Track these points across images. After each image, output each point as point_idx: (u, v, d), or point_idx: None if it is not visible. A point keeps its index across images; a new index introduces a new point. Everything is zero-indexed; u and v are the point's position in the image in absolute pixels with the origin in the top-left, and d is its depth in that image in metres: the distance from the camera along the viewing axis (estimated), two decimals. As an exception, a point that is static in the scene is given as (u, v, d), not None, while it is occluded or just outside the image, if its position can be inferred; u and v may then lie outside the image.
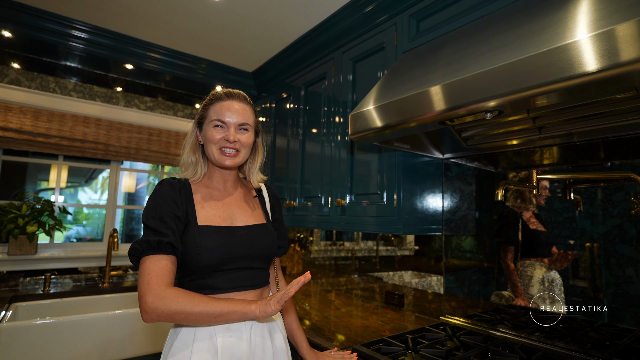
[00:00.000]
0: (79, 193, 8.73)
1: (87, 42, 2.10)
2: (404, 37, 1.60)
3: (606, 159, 1.25)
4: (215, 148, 1.05)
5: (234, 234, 1.03)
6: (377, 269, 2.13)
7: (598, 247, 1.24)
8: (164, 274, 0.91)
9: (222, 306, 0.89)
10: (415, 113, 1.08)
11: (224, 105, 1.06)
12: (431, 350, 1.21)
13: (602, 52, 0.72)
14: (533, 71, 0.82)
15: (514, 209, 1.45)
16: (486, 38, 1.11)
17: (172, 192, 1.00)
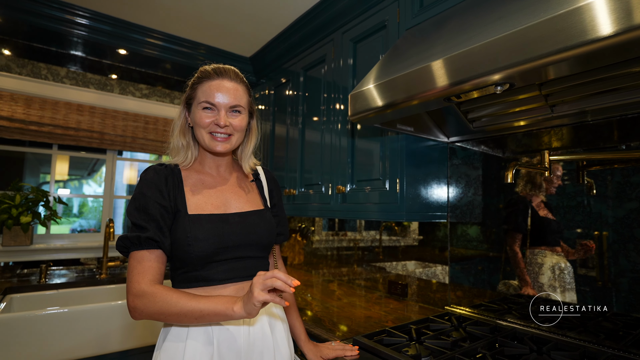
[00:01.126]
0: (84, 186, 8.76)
1: (82, 26, 2.03)
2: (407, 13, 1.51)
3: (621, 141, 1.17)
4: (205, 132, 0.96)
5: (228, 221, 0.97)
6: (380, 258, 2.07)
7: (613, 232, 1.17)
8: (146, 270, 0.86)
9: (202, 307, 0.82)
10: (418, 90, 1.01)
11: (212, 84, 0.96)
12: (436, 342, 1.15)
13: (619, 13, 0.64)
14: (545, 38, 0.74)
15: (523, 195, 1.37)
16: (495, 7, 1.02)
17: (158, 180, 0.93)
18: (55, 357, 1.58)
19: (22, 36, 2.08)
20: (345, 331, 1.33)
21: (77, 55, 2.27)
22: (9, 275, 2.06)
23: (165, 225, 0.91)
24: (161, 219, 0.90)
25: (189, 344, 0.88)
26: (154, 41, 2.26)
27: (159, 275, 0.89)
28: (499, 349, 1.12)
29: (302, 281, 2.27)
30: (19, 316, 1.54)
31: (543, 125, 1.32)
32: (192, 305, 0.82)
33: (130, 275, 0.87)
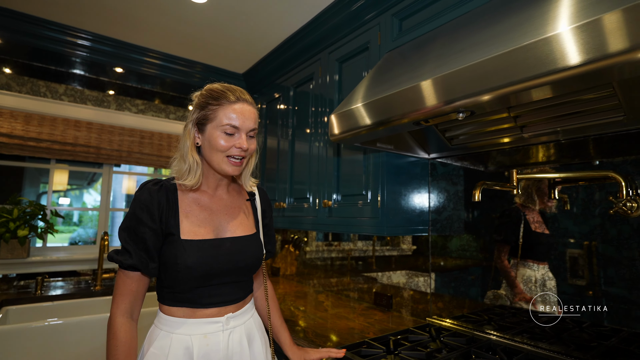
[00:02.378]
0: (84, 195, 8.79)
1: (81, 47, 2.11)
2: (387, 37, 1.59)
3: (595, 157, 1.23)
4: (222, 155, 0.97)
5: (220, 247, 0.99)
6: (373, 269, 2.11)
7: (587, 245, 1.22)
8: (127, 293, 0.92)
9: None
10: (388, 115, 1.07)
11: (236, 108, 0.96)
12: (412, 353, 1.20)
13: (583, 45, 0.70)
14: (498, 70, 0.81)
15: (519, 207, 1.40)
16: (461, 37, 1.09)
17: (150, 203, 0.93)
18: (49, 368, 1.62)
19: (23, 56, 2.17)
20: (326, 343, 1.38)
21: (75, 73, 2.35)
22: (6, 287, 2.12)
23: (154, 247, 0.93)
24: (149, 241, 0.92)
25: (171, 353, 0.91)
26: (152, 60, 2.34)
27: (139, 298, 0.95)
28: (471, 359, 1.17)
29: (293, 292, 2.31)
30: (16, 328, 1.58)
31: (521, 143, 1.38)
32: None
33: (114, 292, 0.94)
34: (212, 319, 0.96)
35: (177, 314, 0.95)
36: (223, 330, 0.97)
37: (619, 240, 1.13)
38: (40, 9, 1.89)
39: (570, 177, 1.20)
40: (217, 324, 0.96)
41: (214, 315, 0.97)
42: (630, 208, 1.07)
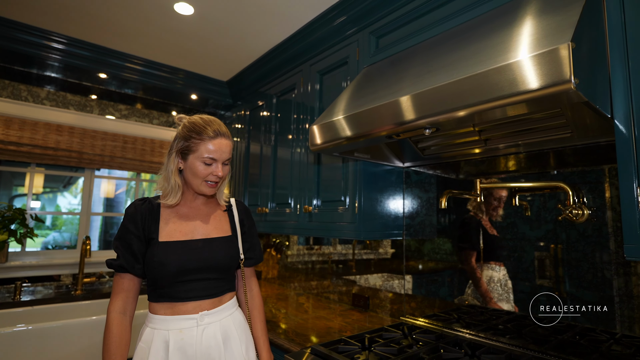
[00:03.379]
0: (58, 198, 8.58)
1: (60, 51, 2.12)
2: (365, 52, 1.70)
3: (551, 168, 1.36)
4: (200, 180, 1.14)
5: (191, 247, 1.13)
6: (352, 272, 2.20)
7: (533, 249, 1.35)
8: (120, 291, 1.09)
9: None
10: (365, 129, 1.17)
11: (215, 143, 1.12)
12: (384, 349, 1.29)
13: (525, 77, 0.82)
14: (462, 92, 0.92)
15: (474, 215, 1.54)
16: (429, 59, 1.21)
17: (135, 215, 1.12)
18: (30, 372, 1.63)
19: (2, 60, 2.16)
20: (305, 341, 1.45)
21: (58, 78, 2.35)
22: (-17, 292, 2.09)
23: (139, 251, 1.09)
24: (134, 246, 1.09)
25: (153, 349, 1.05)
26: (134, 66, 2.37)
27: (131, 296, 1.11)
28: (439, 353, 1.27)
29: (275, 295, 2.38)
30: None
31: (489, 154, 1.50)
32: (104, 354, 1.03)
33: (111, 293, 1.11)
34: (187, 316, 1.08)
35: (160, 311, 1.09)
36: (197, 326, 1.08)
37: (568, 243, 1.26)
38: (22, 14, 1.90)
39: (526, 186, 1.33)
40: (192, 320, 1.08)
41: (189, 312, 1.09)
42: (576, 215, 1.20)
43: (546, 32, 0.85)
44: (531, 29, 0.93)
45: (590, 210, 1.21)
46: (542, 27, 0.89)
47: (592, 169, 1.23)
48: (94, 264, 2.43)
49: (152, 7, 1.83)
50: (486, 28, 1.13)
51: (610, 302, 1.16)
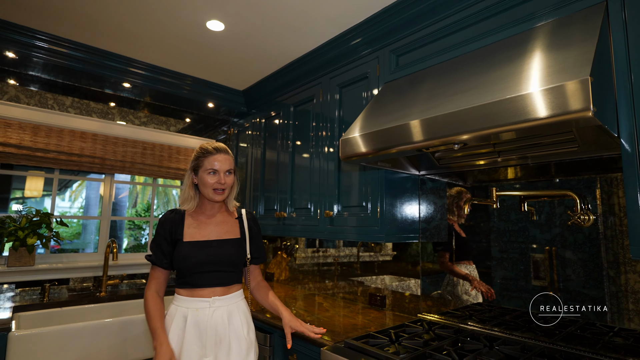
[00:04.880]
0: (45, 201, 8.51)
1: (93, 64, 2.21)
2: (385, 69, 1.83)
3: (555, 177, 1.52)
4: (210, 189, 1.44)
5: (207, 245, 1.44)
6: (358, 273, 2.34)
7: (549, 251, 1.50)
8: (153, 279, 1.43)
9: (151, 325, 1.34)
10: (398, 142, 1.30)
11: (215, 157, 1.45)
12: (411, 342, 1.42)
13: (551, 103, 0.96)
14: (494, 114, 1.06)
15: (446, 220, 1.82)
16: (456, 80, 1.35)
17: (164, 222, 1.45)
18: (69, 369, 1.71)
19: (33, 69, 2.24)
20: (336, 336, 1.57)
21: (82, 87, 2.43)
22: (14, 294, 2.16)
23: (166, 250, 1.43)
24: (163, 246, 1.43)
25: (175, 321, 1.37)
26: (158, 77, 2.47)
27: (161, 282, 1.44)
28: (460, 346, 1.41)
29: (291, 295, 2.49)
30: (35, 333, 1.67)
31: (496, 165, 1.66)
32: (149, 320, 1.35)
33: (148, 278, 1.46)
34: (203, 299, 1.39)
35: (183, 293, 1.41)
36: (209, 307, 1.39)
37: (575, 245, 1.41)
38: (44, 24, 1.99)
39: (537, 194, 1.48)
40: (206, 302, 1.39)
41: (204, 295, 1.40)
42: (584, 220, 1.35)
43: (564, 66, 1.00)
44: (547, 61, 1.08)
45: (595, 216, 1.36)
46: (559, 60, 1.04)
47: (594, 178, 1.38)
48: (117, 267, 2.51)
49: (186, 24, 1.94)
50: (504, 55, 1.28)
51: (611, 298, 1.31)
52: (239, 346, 1.39)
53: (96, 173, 2.64)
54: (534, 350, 1.34)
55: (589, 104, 0.87)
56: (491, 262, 1.67)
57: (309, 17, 1.86)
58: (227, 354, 1.37)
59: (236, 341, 1.39)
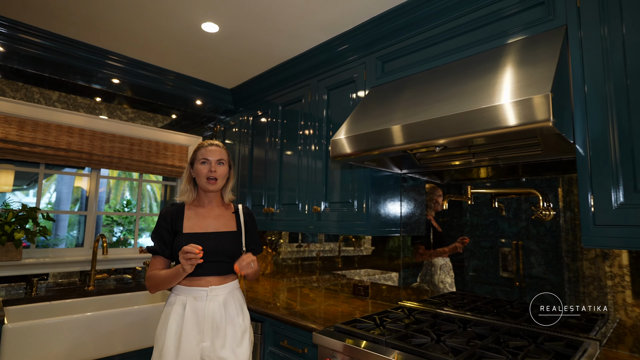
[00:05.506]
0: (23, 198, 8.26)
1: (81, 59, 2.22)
2: (371, 74, 1.97)
3: (522, 176, 1.70)
4: (203, 178, 1.55)
5: (206, 237, 1.53)
6: (339, 267, 2.48)
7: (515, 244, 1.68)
8: (153, 265, 1.53)
9: (168, 274, 1.44)
10: (383, 144, 1.44)
11: (207, 149, 1.57)
12: (394, 325, 1.57)
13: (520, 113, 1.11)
14: (470, 121, 1.20)
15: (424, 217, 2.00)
16: (438, 88, 1.49)
17: (165, 214, 1.55)
18: None
19: (18, 63, 2.22)
20: (326, 322, 1.70)
21: (69, 82, 2.43)
22: (1, 288, 2.15)
23: (167, 240, 1.53)
24: (164, 236, 1.53)
25: (174, 309, 1.45)
26: (146, 73, 2.50)
27: (160, 269, 1.51)
28: (437, 327, 1.57)
29: (278, 288, 2.59)
30: (30, 325, 1.70)
31: (470, 165, 1.83)
32: (164, 274, 1.46)
33: (149, 267, 1.54)
34: (200, 288, 1.48)
35: (182, 283, 1.50)
36: (207, 296, 1.48)
37: (537, 237, 1.60)
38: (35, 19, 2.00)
39: (506, 192, 1.66)
40: (203, 291, 1.48)
41: (202, 285, 1.49)
42: (545, 215, 1.53)
43: (530, 81, 1.16)
44: (517, 76, 1.24)
45: (554, 212, 1.55)
46: (527, 76, 1.20)
47: (556, 178, 1.57)
48: (104, 262, 2.53)
49: (181, 26, 2.00)
50: (481, 68, 1.44)
51: (568, 282, 1.51)
52: (234, 332, 1.49)
53: (81, 167, 2.63)
54: (502, 329, 1.51)
55: (549, 116, 1.03)
56: (465, 254, 1.84)
57: (301, 23, 1.96)
58: (223, 339, 1.46)
59: (231, 327, 1.49)
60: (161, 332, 1.45)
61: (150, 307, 2.07)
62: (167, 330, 1.42)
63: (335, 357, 1.44)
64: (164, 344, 1.41)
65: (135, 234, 2.94)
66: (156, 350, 1.45)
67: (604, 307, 1.42)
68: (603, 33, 1.23)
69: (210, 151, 1.57)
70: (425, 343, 1.35)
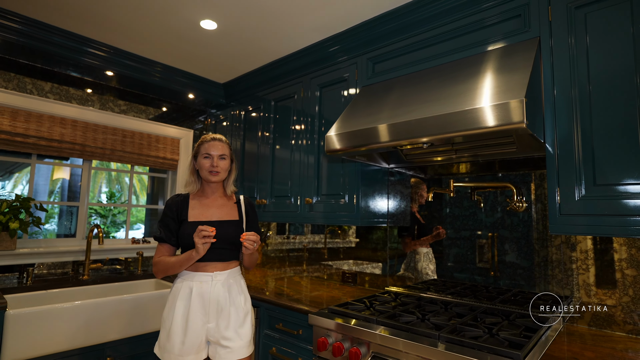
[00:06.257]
0: (-4, 190, 7.99)
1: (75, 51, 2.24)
2: (362, 74, 2.08)
3: (498, 172, 1.87)
4: (206, 171, 1.64)
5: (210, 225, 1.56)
6: (325, 258, 2.62)
7: (492, 235, 1.85)
8: (159, 252, 1.62)
9: (179, 259, 1.52)
10: (373, 141, 1.56)
11: (210, 144, 1.66)
12: (383, 306, 1.71)
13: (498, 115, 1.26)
14: (454, 121, 1.34)
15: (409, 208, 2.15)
16: (424, 90, 1.63)
17: (171, 204, 1.65)
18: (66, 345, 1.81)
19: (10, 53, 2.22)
20: (319, 305, 1.82)
21: (61, 73, 2.44)
22: (-7, 278, 2.17)
23: (173, 228, 1.62)
24: (170, 225, 1.62)
25: (181, 293, 1.54)
26: (139, 66, 2.53)
27: (167, 255, 1.60)
28: (422, 308, 1.72)
29: (270, 276, 2.70)
30: (31, 311, 1.74)
31: (452, 161, 1.98)
32: (174, 260, 1.54)
33: (155, 255, 1.62)
34: (205, 273, 1.57)
35: (189, 269, 1.58)
36: (212, 280, 1.57)
37: (512, 227, 1.77)
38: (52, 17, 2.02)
39: (485, 185, 1.82)
40: (208, 276, 1.57)
41: (207, 270, 1.58)
42: (518, 206, 1.70)
43: (507, 87, 1.30)
44: (495, 82, 1.39)
45: (527, 204, 1.73)
46: (504, 82, 1.35)
47: (529, 173, 1.74)
48: (99, 252, 2.56)
49: (181, 23, 2.05)
50: (464, 73, 1.58)
51: (537, 267, 1.69)
52: (237, 314, 1.59)
53: (65, 158, 2.65)
54: (479, 309, 1.68)
55: (523, 118, 1.17)
56: (446, 242, 2.00)
57: (296, 23, 2.06)
58: (227, 320, 1.56)
59: (234, 310, 1.59)
60: (168, 314, 1.54)
61: (149, 294, 2.14)
62: (175, 312, 1.51)
63: (330, 335, 1.57)
64: (172, 325, 1.50)
65: (127, 225, 2.97)
66: (163, 331, 1.54)
67: (568, 287, 1.61)
68: (570, 43, 1.39)
69: (213, 146, 1.65)
70: (411, 321, 1.50)
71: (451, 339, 1.28)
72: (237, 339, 1.55)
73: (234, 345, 1.54)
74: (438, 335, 1.31)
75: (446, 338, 1.29)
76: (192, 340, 1.50)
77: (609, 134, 1.27)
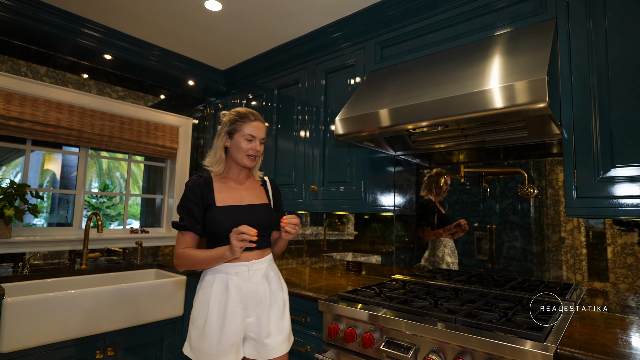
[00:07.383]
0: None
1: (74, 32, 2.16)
2: (370, 59, 2.05)
3: (505, 159, 1.85)
4: (244, 154, 1.47)
5: (241, 210, 1.46)
6: (324, 250, 2.59)
7: (498, 219, 1.84)
8: (183, 242, 1.41)
9: (209, 255, 1.34)
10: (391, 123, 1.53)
11: (254, 125, 1.47)
12: (392, 293, 1.69)
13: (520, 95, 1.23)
14: (472, 101, 1.31)
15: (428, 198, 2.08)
16: (435, 73, 1.60)
17: (193, 187, 1.43)
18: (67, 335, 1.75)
19: (3, 33, 2.13)
20: (328, 292, 1.79)
21: (57, 56, 2.35)
22: (-12, 267, 2.09)
23: (198, 214, 1.41)
24: (195, 211, 1.41)
25: (214, 288, 1.38)
26: (137, 49, 2.46)
27: (190, 245, 1.41)
28: (433, 294, 1.70)
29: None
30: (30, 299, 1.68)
31: (457, 148, 1.96)
32: (203, 256, 1.35)
33: (175, 244, 1.43)
34: (241, 263, 1.40)
35: None
36: (248, 270, 1.41)
37: (522, 212, 1.76)
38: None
39: (496, 171, 1.81)
40: (244, 266, 1.41)
41: (242, 260, 1.41)
42: (529, 192, 1.69)
43: (527, 66, 1.28)
44: (513, 62, 1.36)
45: (538, 190, 1.72)
46: (523, 62, 1.32)
47: (539, 159, 1.73)
48: (96, 241, 2.50)
49: (183, 2, 1.99)
50: (477, 55, 1.55)
51: (548, 252, 1.68)
52: (277, 304, 1.44)
53: (72, 146, 2.57)
54: (489, 295, 1.67)
55: (545, 97, 1.15)
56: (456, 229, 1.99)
57: (303, 4, 2.01)
58: (268, 312, 1.41)
59: (275, 300, 1.44)
60: (201, 312, 1.38)
61: (150, 283, 2.09)
62: (210, 310, 1.35)
63: (341, 322, 1.54)
64: (206, 324, 1.35)
65: (125, 214, 2.90)
66: (194, 329, 1.38)
67: (580, 272, 1.60)
68: (589, 27, 1.37)
69: (258, 128, 1.47)
70: (425, 306, 1.48)
71: (468, 322, 1.26)
72: (278, 333, 1.42)
73: (273, 341, 1.40)
74: (454, 318, 1.29)
75: (463, 321, 1.27)
76: (231, 339, 1.35)
77: (630, 119, 1.26)
